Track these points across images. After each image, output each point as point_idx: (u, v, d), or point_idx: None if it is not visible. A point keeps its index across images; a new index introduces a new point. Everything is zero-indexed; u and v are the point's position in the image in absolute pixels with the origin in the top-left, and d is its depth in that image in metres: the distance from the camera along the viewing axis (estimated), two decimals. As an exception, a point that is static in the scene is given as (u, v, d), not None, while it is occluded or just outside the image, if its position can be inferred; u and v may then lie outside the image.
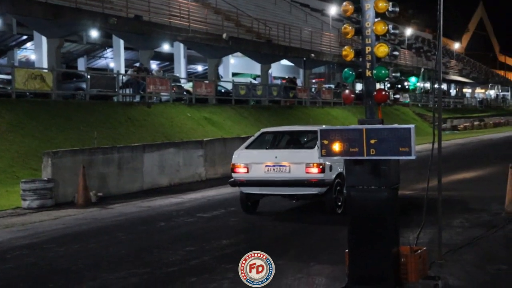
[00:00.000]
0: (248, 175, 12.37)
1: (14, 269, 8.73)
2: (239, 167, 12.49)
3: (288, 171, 12.09)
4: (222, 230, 11.46)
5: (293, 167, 12.07)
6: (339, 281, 7.42)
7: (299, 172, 11.98)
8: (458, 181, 17.67)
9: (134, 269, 8.53)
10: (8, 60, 42.50)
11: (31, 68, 30.34)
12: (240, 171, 12.45)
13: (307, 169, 11.93)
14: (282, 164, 12.15)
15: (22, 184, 14.76)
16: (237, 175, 12.50)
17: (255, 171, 12.33)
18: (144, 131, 26.80)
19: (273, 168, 12.20)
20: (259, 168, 12.32)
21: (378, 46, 6.55)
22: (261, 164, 12.33)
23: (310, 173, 11.93)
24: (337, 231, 10.69)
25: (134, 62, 40.49)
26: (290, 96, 42.31)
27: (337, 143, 6.46)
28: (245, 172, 12.40)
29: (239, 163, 12.51)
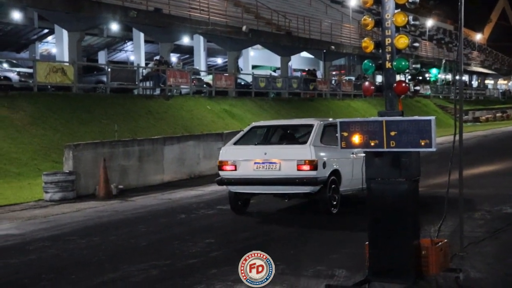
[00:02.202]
0: (236, 173, 11.60)
1: (36, 261, 8.82)
2: (226, 165, 11.70)
3: (279, 169, 11.30)
4: (243, 222, 11.48)
5: (283, 164, 11.28)
6: (359, 273, 7.42)
7: (290, 169, 11.20)
8: (479, 173, 17.54)
9: (155, 261, 8.59)
10: (29, 54, 42.86)
11: (52, 61, 30.57)
12: (228, 168, 11.67)
13: (299, 167, 11.16)
14: (272, 161, 11.36)
15: (44, 176, 14.90)
16: (225, 173, 11.72)
17: (243, 169, 11.55)
18: (164, 123, 26.91)
19: (263, 165, 11.42)
20: (247, 165, 11.54)
21: (398, 37, 6.51)
22: (249, 161, 11.54)
23: (302, 170, 11.14)
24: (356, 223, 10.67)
25: (154, 55, 40.61)
26: (310, 89, 42.23)
27: (356, 135, 6.45)
28: (232, 169, 11.63)
29: (226, 160, 11.71)
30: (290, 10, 48.33)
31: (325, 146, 11.58)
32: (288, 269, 7.88)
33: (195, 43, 42.78)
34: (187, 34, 38.53)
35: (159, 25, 33.91)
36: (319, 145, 11.41)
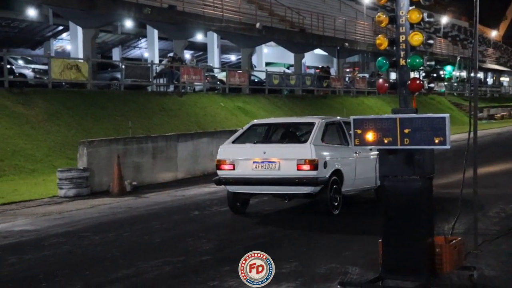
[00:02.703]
0: (234, 173, 11.30)
1: (51, 257, 8.88)
2: (224, 164, 11.39)
3: (278, 168, 10.99)
4: (256, 219, 11.49)
5: (283, 163, 10.96)
6: (372, 271, 7.41)
7: (290, 169, 10.89)
8: (494, 171, 17.44)
9: (168, 257, 8.62)
10: (44, 51, 43.05)
11: (67, 58, 30.70)
12: (226, 168, 11.37)
13: (299, 166, 10.83)
14: (271, 160, 11.03)
15: (58, 173, 14.98)
16: (223, 172, 11.41)
17: (242, 168, 11.25)
18: (178, 120, 26.97)
19: (262, 164, 11.10)
20: (246, 164, 11.23)
21: (412, 34, 6.49)
22: (248, 160, 11.23)
23: (301, 170, 10.81)
24: (369, 221, 10.67)
25: (168, 52, 40.66)
26: (323, 86, 42.16)
27: (370, 133, 6.43)
28: (231, 169, 11.32)
29: (225, 159, 11.41)
30: (304, 7, 48.24)
31: (327, 145, 11.36)
32: (301, 266, 7.88)
33: (209, 40, 42.82)
34: (200, 31, 38.57)
35: (173, 22, 33.97)
36: (320, 144, 11.14)
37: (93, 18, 30.79)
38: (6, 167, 18.23)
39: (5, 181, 17.17)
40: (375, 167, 12.04)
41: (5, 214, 12.75)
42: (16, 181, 17.12)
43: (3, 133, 19.83)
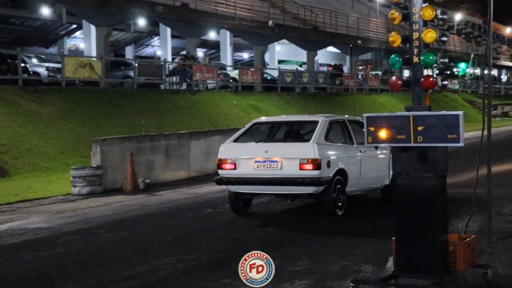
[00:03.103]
0: (236, 172, 11.06)
1: (65, 254, 8.93)
2: (225, 163, 11.15)
3: (280, 168, 10.74)
4: (267, 217, 11.49)
5: (285, 163, 10.70)
6: (385, 269, 7.39)
7: (292, 168, 10.63)
8: (508, 169, 17.34)
9: (181, 255, 8.64)
10: (58, 49, 43.29)
11: (80, 56, 30.85)
12: (227, 167, 11.13)
13: (301, 166, 10.57)
14: (273, 159, 10.78)
15: (72, 171, 15.05)
16: (224, 171, 11.18)
17: (243, 168, 11.01)
18: (191, 118, 27.02)
19: (263, 164, 10.85)
20: (247, 164, 10.99)
21: (425, 31, 6.46)
22: (250, 159, 10.99)
23: (304, 169, 10.56)
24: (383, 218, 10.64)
25: (181, 50, 40.79)
26: (336, 83, 42.08)
27: (383, 130, 6.41)
28: (232, 168, 11.08)
29: (226, 158, 11.18)
30: (316, 5, 48.17)
31: (330, 144, 11.15)
32: (313, 264, 7.88)
33: (221, 38, 42.85)
34: (213, 29, 38.60)
35: (186, 20, 34.02)
36: (324, 143, 10.88)
37: (106, 17, 30.90)
38: (20, 165, 18.35)
39: (20, 178, 17.29)
40: (382, 167, 12.04)
41: (19, 211, 12.83)
42: (30, 179, 17.22)
43: (17, 131, 19.95)
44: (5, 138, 19.24)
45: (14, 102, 21.43)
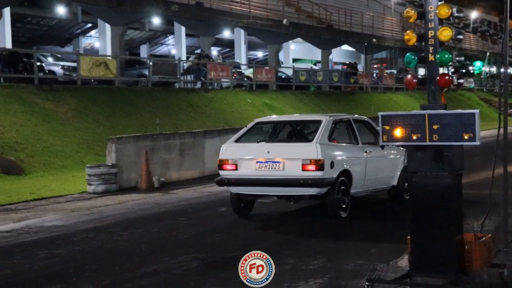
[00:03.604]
0: (237, 173, 10.84)
1: (80, 252, 8.98)
2: (226, 164, 10.94)
3: (282, 169, 10.50)
4: (283, 216, 11.49)
5: (287, 163, 10.47)
6: (400, 268, 7.37)
7: (295, 169, 10.40)
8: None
9: (196, 253, 8.66)
10: (73, 48, 43.51)
11: (95, 55, 30.99)
12: (228, 168, 10.91)
13: (304, 166, 10.33)
14: (275, 160, 10.55)
15: (87, 169, 15.13)
16: (225, 172, 10.97)
17: (245, 168, 10.79)
18: (205, 117, 27.06)
19: (265, 164, 10.62)
20: (249, 164, 10.76)
21: (441, 30, 6.44)
22: (251, 160, 10.76)
23: (307, 170, 10.32)
24: (394, 219, 10.63)
25: (195, 49, 40.87)
26: (351, 82, 41.98)
27: (398, 129, 6.39)
28: (233, 169, 10.87)
29: (227, 159, 10.96)
30: (331, 3, 48.05)
31: (334, 144, 10.91)
32: (328, 263, 7.87)
33: (236, 36, 42.87)
34: (227, 28, 38.63)
35: (200, 19, 34.07)
36: (327, 143, 10.64)
37: (121, 16, 31.01)
38: (36, 163, 18.47)
39: (36, 177, 17.40)
40: (389, 167, 11.92)
41: (35, 209, 12.93)
42: (46, 177, 17.33)
43: (33, 129, 20.09)
44: (21, 136, 19.38)
45: (30, 100, 21.58)
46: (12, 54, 24.48)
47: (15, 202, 13.63)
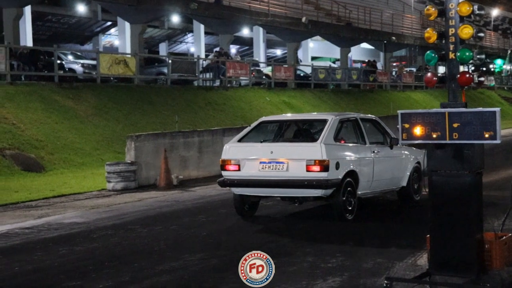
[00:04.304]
0: (240, 174, 10.59)
1: (100, 249, 9.04)
2: (229, 164, 10.69)
3: (286, 169, 10.26)
4: (302, 213, 11.48)
5: (291, 164, 10.23)
6: (420, 266, 7.35)
7: (299, 170, 10.15)
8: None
9: (214, 250, 8.69)
10: (93, 46, 43.76)
11: (115, 53, 31.14)
12: (231, 168, 10.67)
13: (308, 167, 10.07)
14: (279, 160, 10.30)
15: (106, 166, 15.21)
16: (227, 173, 10.74)
17: (248, 169, 10.54)
18: (224, 115, 27.11)
19: (269, 165, 10.38)
20: (252, 165, 10.51)
21: (462, 27, 6.40)
22: (254, 160, 10.51)
23: (311, 171, 10.07)
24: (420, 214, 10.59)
25: (214, 47, 40.90)
26: (370, 80, 41.85)
27: (418, 127, 6.36)
28: (236, 169, 10.62)
29: (229, 159, 10.71)
30: (350, 1, 47.88)
31: (340, 144, 10.65)
32: (347, 261, 7.86)
33: (255, 34, 42.87)
34: (246, 26, 38.66)
35: (219, 17, 34.12)
36: (332, 143, 10.35)
37: (140, 14, 31.14)
38: (56, 160, 18.62)
39: (55, 174, 17.54)
40: (398, 167, 11.73)
41: (55, 206, 13.03)
42: (66, 174, 17.47)
43: (53, 127, 20.24)
44: (42, 134, 19.54)
45: (50, 98, 21.74)
46: (32, 52, 24.74)
47: (35, 199, 13.74)
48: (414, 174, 12.16)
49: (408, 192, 12.11)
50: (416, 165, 12.25)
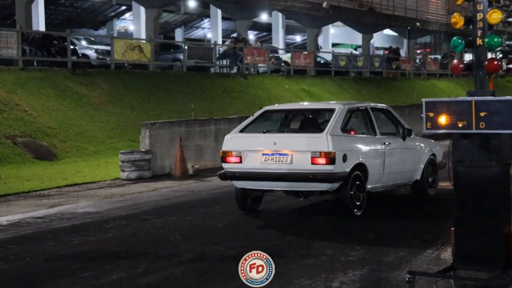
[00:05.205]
0: (241, 166, 10.38)
1: (113, 239, 9.10)
2: (230, 156, 10.49)
3: (290, 162, 10.02)
4: (321, 205, 11.46)
5: (295, 156, 9.99)
6: (444, 260, 7.32)
7: (303, 162, 9.91)
8: None
9: (231, 242, 8.71)
10: (107, 31, 43.88)
11: (129, 39, 31.21)
12: (232, 160, 10.46)
13: (313, 159, 9.81)
14: (283, 152, 10.08)
15: (121, 155, 15.28)
16: (228, 165, 10.54)
17: (250, 161, 10.34)
18: (241, 103, 27.11)
19: (272, 157, 10.16)
20: (254, 157, 10.30)
21: (490, 12, 6.33)
22: (257, 152, 10.30)
23: (316, 164, 9.80)
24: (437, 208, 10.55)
25: (232, 33, 40.90)
26: (393, 68, 41.63)
27: (443, 116, 6.31)
28: (237, 162, 10.42)
29: (231, 150, 10.51)
30: (373, -15, 47.59)
31: (348, 136, 10.46)
32: (368, 254, 7.85)
33: (273, 20, 42.76)
34: (265, 11, 38.53)
35: (237, 2, 34.06)
36: (340, 134, 10.13)
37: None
38: (69, 148, 18.74)
39: (68, 162, 17.66)
40: (411, 160, 11.55)
41: (68, 195, 13.13)
42: (79, 163, 17.58)
43: (66, 114, 20.36)
44: (54, 121, 19.67)
45: (63, 84, 21.86)
46: (45, 37, 24.82)
47: (47, 188, 13.84)
48: (429, 167, 11.93)
49: (422, 186, 11.88)
50: (431, 157, 12.03)
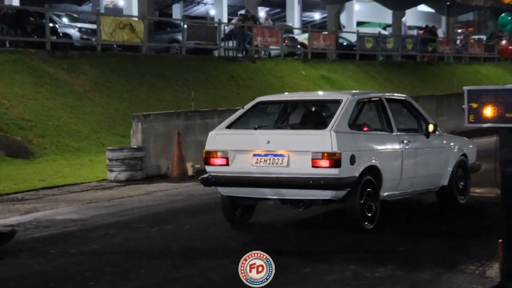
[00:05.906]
0: (228, 169, 9.93)
1: (99, 251, 9.09)
2: (214, 157, 10.03)
3: (286, 164, 9.57)
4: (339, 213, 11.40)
5: (293, 157, 9.54)
6: (489, 278, 7.29)
7: (302, 165, 9.46)
8: None
9: (237, 254, 8.65)
10: (92, 7, 43.87)
11: (119, 16, 31.26)
12: (217, 162, 10.00)
13: (315, 162, 9.36)
14: (278, 153, 9.62)
15: (108, 152, 15.30)
16: (213, 168, 10.09)
17: (238, 164, 9.88)
18: (249, 91, 27.11)
19: (264, 158, 9.69)
20: (244, 158, 9.84)
21: (547, -17, 6.29)
22: (247, 152, 9.84)
23: (318, 167, 9.37)
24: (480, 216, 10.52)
25: (239, 9, 40.86)
26: (428, 51, 41.60)
27: (489, 107, 6.30)
28: (223, 164, 9.95)
29: (215, 150, 10.05)
30: (405, -47, 47.55)
31: (357, 133, 10.06)
32: (399, 270, 7.81)
33: (288, -6, 42.82)
34: (278, -17, 38.59)
35: (245, -28, 34.08)
36: (347, 131, 9.68)
37: (149, -32, 31.23)
38: (47, 144, 18.77)
39: (46, 161, 17.69)
40: (436, 162, 11.35)
41: (46, 200, 13.15)
42: (59, 161, 17.61)
43: (44, 104, 20.41)
44: (30, 112, 19.71)
45: (40, 69, 21.92)
46: (19, 13, 24.81)
47: (21, 191, 13.88)
48: (459, 170, 11.59)
49: (450, 192, 11.51)
50: (461, 158, 11.64)
